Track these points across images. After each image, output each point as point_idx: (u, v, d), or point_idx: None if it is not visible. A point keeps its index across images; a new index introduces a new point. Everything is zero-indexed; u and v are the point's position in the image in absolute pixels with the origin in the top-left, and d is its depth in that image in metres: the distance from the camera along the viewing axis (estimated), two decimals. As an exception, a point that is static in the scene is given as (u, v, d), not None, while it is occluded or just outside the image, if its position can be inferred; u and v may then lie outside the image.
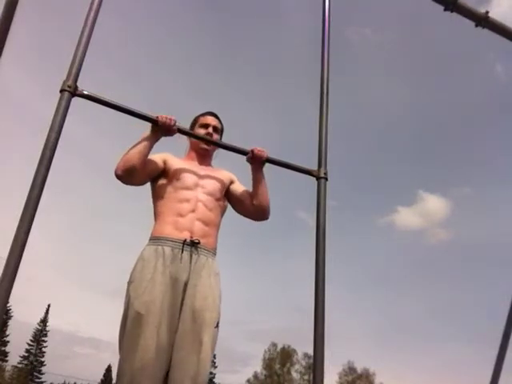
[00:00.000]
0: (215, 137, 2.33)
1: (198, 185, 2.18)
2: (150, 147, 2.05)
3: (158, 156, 2.19)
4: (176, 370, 1.85)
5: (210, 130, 2.33)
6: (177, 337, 1.88)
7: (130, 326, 1.87)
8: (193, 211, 2.11)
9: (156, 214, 2.15)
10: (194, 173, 2.22)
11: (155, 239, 2.07)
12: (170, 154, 2.27)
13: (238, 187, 2.34)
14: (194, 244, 2.05)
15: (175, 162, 2.22)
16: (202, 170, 2.27)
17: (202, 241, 2.07)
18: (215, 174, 2.30)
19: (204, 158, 2.34)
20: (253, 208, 2.26)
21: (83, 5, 1.65)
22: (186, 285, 1.97)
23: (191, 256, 2.03)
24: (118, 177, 2.02)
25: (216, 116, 2.42)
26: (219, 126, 2.40)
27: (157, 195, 2.18)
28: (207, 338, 1.91)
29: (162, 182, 2.18)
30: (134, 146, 2.03)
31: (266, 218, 2.30)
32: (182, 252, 2.01)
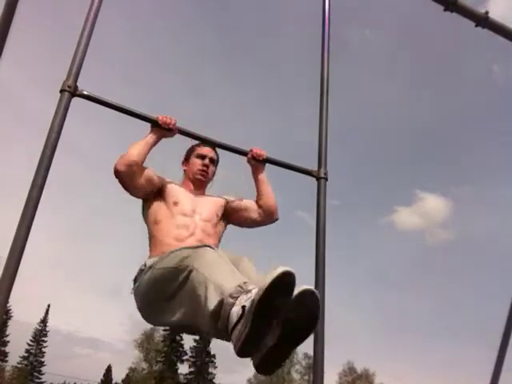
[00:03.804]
0: (212, 168, 2.32)
1: (196, 212, 2.13)
2: (150, 147, 2.03)
3: (156, 174, 2.16)
4: None
5: (207, 161, 2.30)
6: None
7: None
8: (191, 235, 2.04)
9: (152, 238, 2.07)
10: (191, 199, 2.18)
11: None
12: (169, 179, 2.23)
13: (238, 201, 2.31)
14: None
15: (172, 186, 2.18)
16: (198, 196, 2.23)
17: None
18: (210, 199, 2.27)
19: (199, 187, 2.30)
20: (261, 210, 2.24)
21: (83, 5, 1.66)
22: None
23: None
24: (117, 172, 1.97)
25: (213, 147, 2.36)
26: (215, 157, 2.36)
27: (152, 218, 2.11)
28: None
29: (158, 204, 2.12)
30: (133, 145, 2.01)
31: (276, 218, 2.27)
32: None
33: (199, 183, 2.29)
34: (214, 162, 2.36)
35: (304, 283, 1.30)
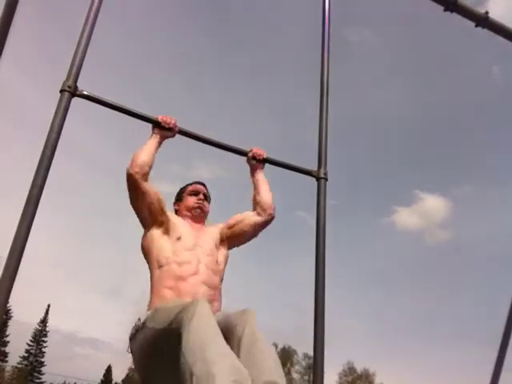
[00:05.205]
0: (206, 204, 2.29)
1: (197, 245, 2.04)
2: (155, 148, 2.03)
3: (160, 197, 2.09)
4: None
5: (201, 196, 2.27)
6: None
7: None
8: (195, 274, 1.93)
9: (153, 284, 1.95)
10: (193, 232, 2.11)
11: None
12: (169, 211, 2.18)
13: (232, 219, 2.25)
14: None
15: (175, 220, 2.13)
16: (197, 229, 2.16)
17: None
18: (209, 231, 2.19)
19: (198, 221, 2.23)
20: (259, 208, 2.20)
21: (83, 5, 1.66)
22: None
23: None
24: (129, 175, 1.96)
25: (204, 185, 2.36)
26: (208, 193, 2.34)
27: (155, 259, 1.99)
28: None
29: (161, 240, 2.02)
30: (138, 149, 2.01)
31: (273, 216, 2.22)
32: None
33: (198, 217, 2.24)
34: (208, 198, 2.33)
35: (305, 282, 1.29)
